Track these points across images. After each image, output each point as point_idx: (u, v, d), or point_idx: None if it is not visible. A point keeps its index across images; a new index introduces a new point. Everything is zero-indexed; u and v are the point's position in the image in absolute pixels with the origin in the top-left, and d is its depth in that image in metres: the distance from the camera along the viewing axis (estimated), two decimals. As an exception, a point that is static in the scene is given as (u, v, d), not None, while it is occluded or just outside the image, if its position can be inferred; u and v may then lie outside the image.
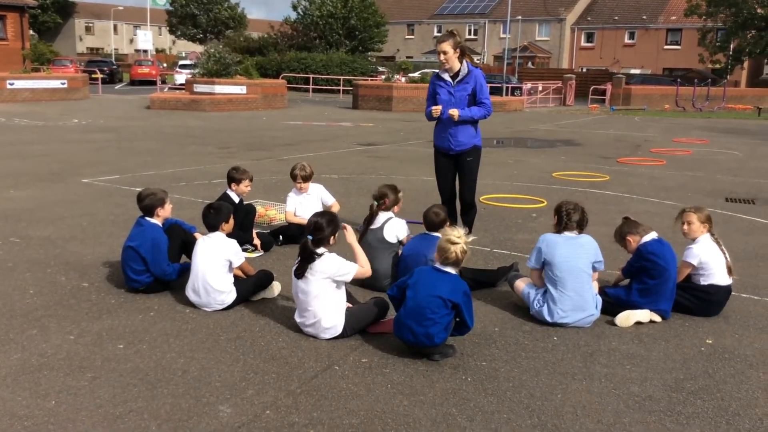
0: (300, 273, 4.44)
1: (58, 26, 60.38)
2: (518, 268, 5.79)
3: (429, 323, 4.08)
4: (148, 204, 5.25)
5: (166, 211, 5.33)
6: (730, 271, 5.16)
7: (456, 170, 6.63)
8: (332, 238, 4.55)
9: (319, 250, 4.44)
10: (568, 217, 4.86)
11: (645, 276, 4.92)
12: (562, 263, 4.75)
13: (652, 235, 5.02)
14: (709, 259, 5.09)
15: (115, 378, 3.83)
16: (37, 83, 27.34)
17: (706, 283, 5.07)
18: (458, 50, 6.13)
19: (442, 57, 6.16)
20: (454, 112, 6.19)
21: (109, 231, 7.03)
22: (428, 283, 4.17)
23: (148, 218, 5.25)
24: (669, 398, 3.81)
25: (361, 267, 4.64)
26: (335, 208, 6.82)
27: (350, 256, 4.67)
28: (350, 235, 4.78)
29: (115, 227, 7.17)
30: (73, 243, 6.58)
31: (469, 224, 6.65)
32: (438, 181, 6.70)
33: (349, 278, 4.48)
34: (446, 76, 6.29)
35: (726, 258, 5.16)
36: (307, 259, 4.41)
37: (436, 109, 6.28)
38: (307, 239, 4.43)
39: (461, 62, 6.21)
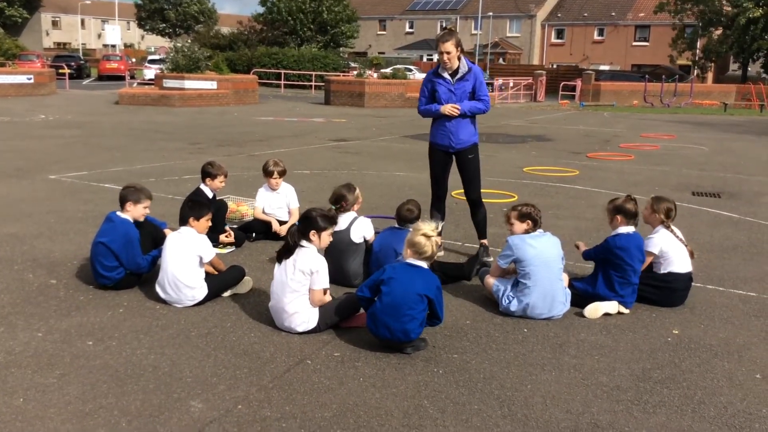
0: (280, 258, 4.45)
1: (24, 21, 59.13)
2: (484, 257, 5.82)
3: (407, 319, 4.10)
4: (122, 194, 5.23)
5: (136, 211, 5.25)
6: (692, 255, 5.30)
7: (450, 168, 6.45)
8: (322, 233, 4.52)
9: (304, 242, 4.44)
10: (540, 220, 5.05)
11: (610, 268, 5.02)
12: (534, 258, 4.84)
13: (627, 229, 5.11)
14: (668, 249, 5.21)
15: (84, 375, 3.80)
16: (2, 78, 26.81)
17: (665, 271, 5.20)
18: (459, 48, 5.99)
19: (446, 57, 5.93)
20: (455, 109, 6.00)
21: (77, 228, 6.94)
22: (405, 279, 4.18)
23: (118, 213, 5.20)
24: (636, 387, 3.88)
25: (325, 296, 4.52)
26: (294, 215, 6.73)
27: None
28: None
29: (83, 224, 7.07)
30: (40, 240, 6.48)
31: (482, 229, 6.44)
32: (432, 178, 6.49)
33: (315, 287, 4.42)
34: (445, 74, 6.09)
35: (685, 245, 5.29)
36: (290, 249, 4.42)
37: (450, 109, 6.02)
38: (295, 225, 4.45)
39: (459, 59, 6.03)
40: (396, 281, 4.19)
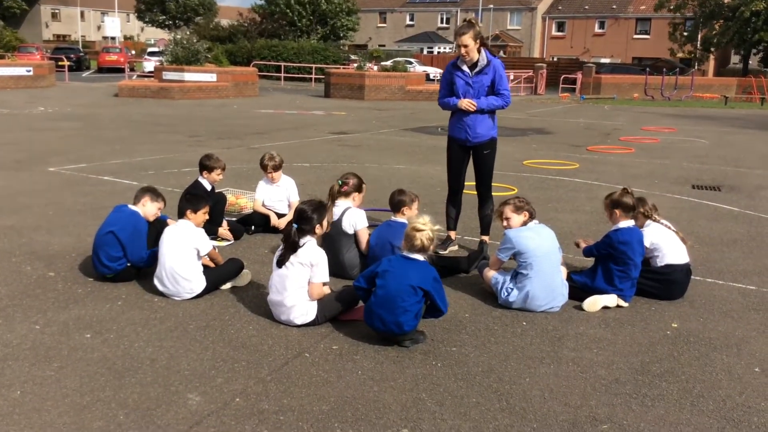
0: (282, 262, 4.41)
1: (24, 12, 59.01)
2: (487, 253, 5.85)
3: (399, 311, 4.09)
4: (141, 189, 5.43)
5: (149, 208, 5.31)
6: (684, 241, 5.31)
7: (468, 162, 6.37)
8: (319, 226, 4.53)
9: (302, 240, 4.42)
10: (534, 212, 5.11)
11: (610, 262, 5.00)
12: (536, 249, 4.84)
13: (628, 223, 5.10)
14: (659, 240, 5.23)
15: (82, 367, 3.79)
16: (1, 70, 26.76)
17: (662, 263, 5.20)
18: (478, 41, 5.87)
19: (463, 50, 5.85)
20: (471, 104, 5.91)
21: (76, 220, 6.93)
22: (398, 272, 4.18)
23: (129, 206, 5.25)
24: (635, 381, 3.87)
25: (325, 287, 4.53)
26: (294, 208, 6.69)
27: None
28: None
29: (82, 216, 7.06)
30: (39, 232, 6.47)
31: (486, 225, 6.36)
32: (449, 172, 6.42)
33: (314, 280, 4.42)
34: (464, 66, 5.99)
35: (676, 232, 5.32)
36: (290, 248, 4.40)
37: (467, 104, 5.94)
38: (293, 227, 4.41)
39: (479, 52, 5.93)
40: (390, 274, 4.19)
